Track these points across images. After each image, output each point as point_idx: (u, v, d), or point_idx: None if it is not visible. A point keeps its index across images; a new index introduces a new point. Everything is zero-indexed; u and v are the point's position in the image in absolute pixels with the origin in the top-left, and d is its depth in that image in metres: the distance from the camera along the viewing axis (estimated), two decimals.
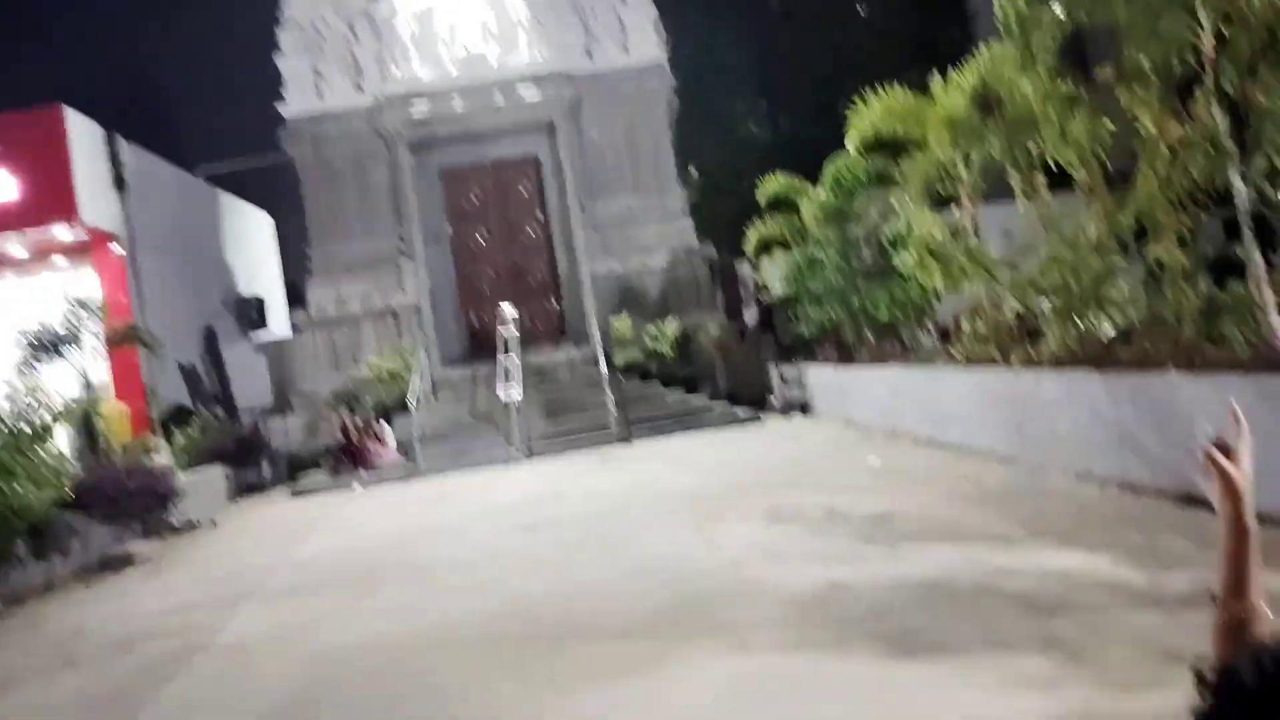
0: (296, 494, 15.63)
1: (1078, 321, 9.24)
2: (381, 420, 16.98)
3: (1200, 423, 7.10)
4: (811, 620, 5.73)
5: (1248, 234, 7.35)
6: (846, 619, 5.66)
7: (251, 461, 17.10)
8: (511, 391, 15.98)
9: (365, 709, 5.44)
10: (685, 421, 16.30)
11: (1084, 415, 8.26)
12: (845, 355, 15.12)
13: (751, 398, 17.16)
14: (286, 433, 18.05)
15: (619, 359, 17.73)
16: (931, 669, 4.73)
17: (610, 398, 16.23)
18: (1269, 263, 7.39)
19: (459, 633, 6.57)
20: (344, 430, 16.65)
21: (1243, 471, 1.49)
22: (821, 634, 5.46)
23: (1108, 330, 9.00)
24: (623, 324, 18.32)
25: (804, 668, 4.99)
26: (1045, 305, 9.72)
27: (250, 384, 20.27)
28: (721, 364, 18.04)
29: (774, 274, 16.67)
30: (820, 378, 15.89)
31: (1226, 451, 1.51)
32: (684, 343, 18.12)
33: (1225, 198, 7.62)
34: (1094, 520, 7.00)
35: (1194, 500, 6.86)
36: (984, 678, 4.52)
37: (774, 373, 17.62)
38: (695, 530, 8.65)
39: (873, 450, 11.77)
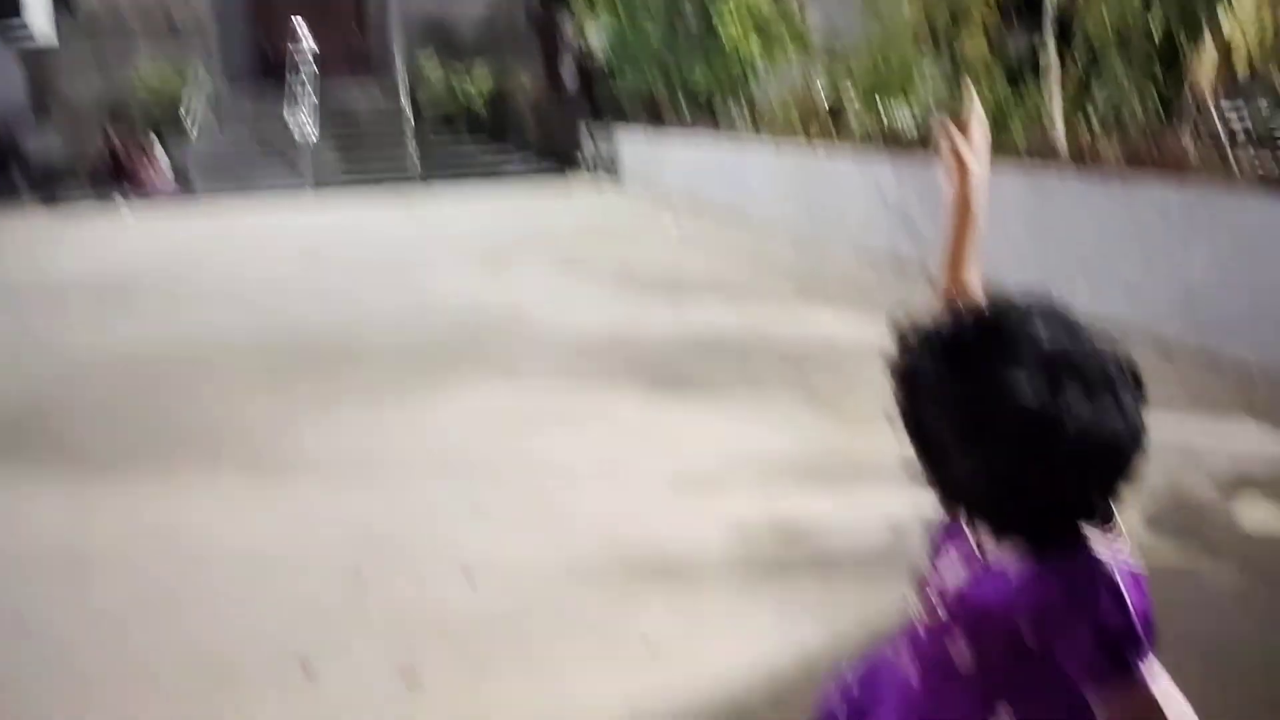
0: (53, 210, 14.25)
1: (881, 108, 9.39)
2: (155, 141, 15.52)
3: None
4: (587, 360, 5.82)
5: (1049, 33, 7.52)
6: (622, 360, 5.78)
7: (4, 170, 15.35)
8: (304, 122, 14.89)
9: (111, 412, 5.16)
10: (491, 175, 15.82)
11: (871, 195, 8.54)
12: (658, 121, 14.90)
13: (561, 158, 16.79)
14: (46, 146, 16.23)
15: (425, 103, 16.78)
16: (694, 407, 4.93)
17: (413, 142, 15.46)
18: (1064, 63, 7.62)
19: (224, 350, 6.29)
20: (111, 147, 15.13)
21: (975, 150, 1.45)
22: (595, 373, 5.56)
23: (906, 118, 9.20)
24: (431, 66, 17.21)
25: (573, 400, 5.08)
26: (854, 90, 9.80)
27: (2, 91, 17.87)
28: (533, 121, 17.45)
29: (596, 34, 15.97)
30: (632, 144, 15.68)
31: (963, 130, 1.47)
32: (496, 94, 17.30)
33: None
34: (862, 289, 7.37)
35: None
36: (741, 416, 4.75)
37: (586, 135, 17.23)
38: (485, 273, 8.54)
39: (674, 217, 11.86)
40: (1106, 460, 1.06)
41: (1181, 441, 4.08)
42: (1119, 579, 1.08)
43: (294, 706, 2.61)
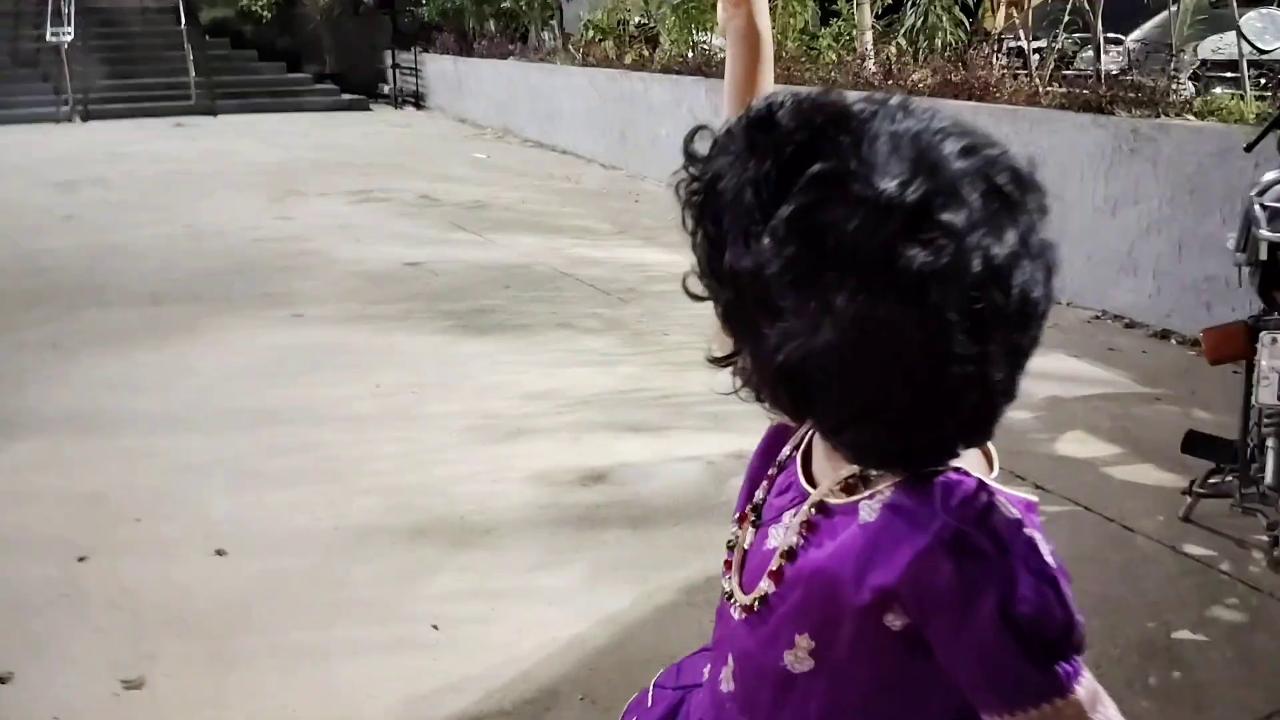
0: None
1: (694, 32, 9.08)
2: None
3: None
4: (380, 295, 5.27)
5: None
6: (418, 296, 5.27)
7: None
8: (61, 31, 13.20)
9: None
10: (283, 100, 14.58)
11: (684, 122, 8.20)
12: (466, 47, 14.10)
13: (362, 84, 15.71)
14: None
15: (204, 14, 15.28)
16: (499, 345, 4.50)
17: (191, 59, 14.02)
18: None
19: None
20: None
21: None
22: (390, 311, 5.03)
23: (719, 44, 8.92)
24: None
25: (362, 341, 4.55)
26: (667, 14, 9.45)
27: None
28: (330, 41, 16.22)
29: None
30: (437, 68, 14.81)
31: None
32: (286, 8, 15.95)
33: None
34: (677, 223, 7.06)
35: None
36: (549, 355, 4.37)
37: (389, 59, 16.17)
38: (271, 205, 7.72)
39: (482, 146, 11.23)
40: (1022, 318, 0.67)
41: None
42: (1037, 533, 0.71)
43: None
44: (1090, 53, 7.69)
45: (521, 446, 3.44)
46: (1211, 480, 2.03)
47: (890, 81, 6.63)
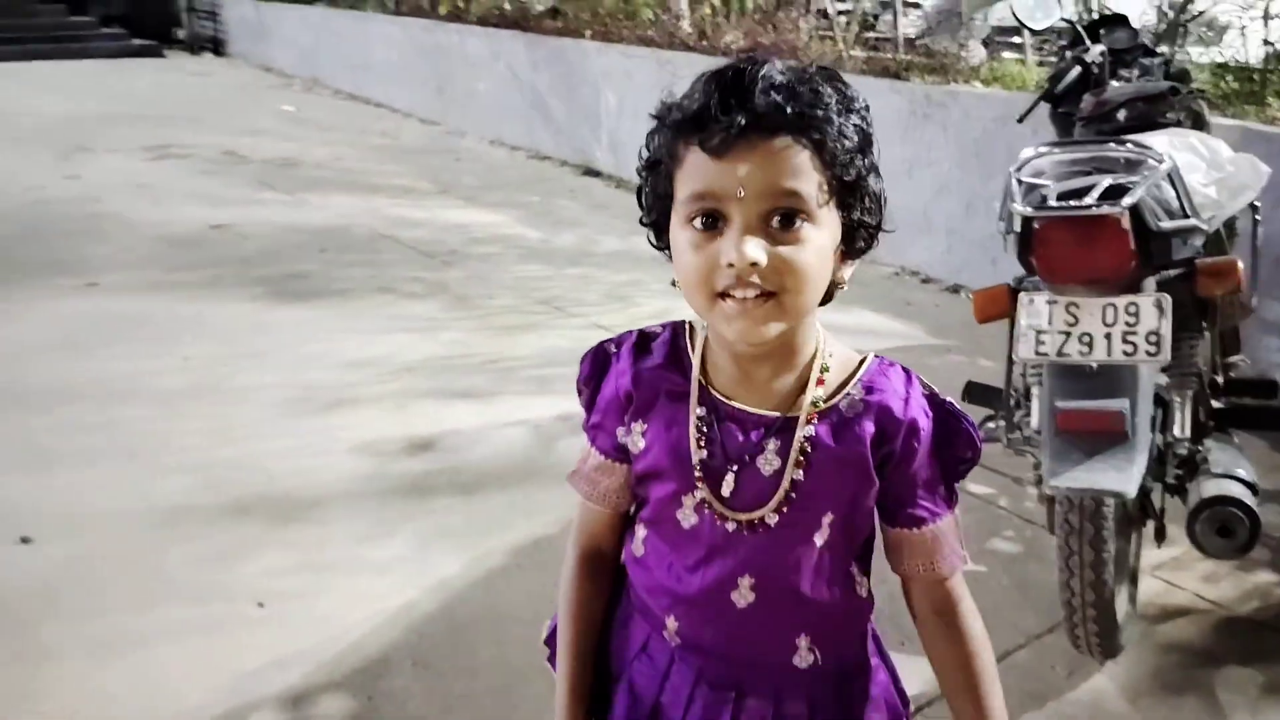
0: None
1: None
2: None
3: (605, 96, 7.25)
4: (183, 261, 5.02)
5: None
6: (225, 261, 5.05)
7: None
8: None
9: None
10: (65, 46, 13.46)
11: (504, 79, 8.15)
12: None
13: (155, 28, 14.64)
14: None
15: None
16: (316, 312, 4.39)
17: None
18: None
19: None
20: None
21: None
22: (193, 276, 4.80)
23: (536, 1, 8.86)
24: None
25: (164, 309, 4.34)
26: None
27: None
28: None
29: None
30: (238, 13, 13.99)
31: None
32: None
33: None
34: (500, 182, 7.03)
35: (592, 171, 7.20)
36: (369, 321, 4.29)
37: (184, 2, 15.13)
38: (53, 160, 7.17)
39: (289, 98, 10.72)
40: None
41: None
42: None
43: None
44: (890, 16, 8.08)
45: (343, 417, 3.39)
46: (988, 425, 2.25)
47: (704, 41, 6.77)
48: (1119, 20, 3.06)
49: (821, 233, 0.88)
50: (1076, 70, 2.71)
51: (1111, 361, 1.84)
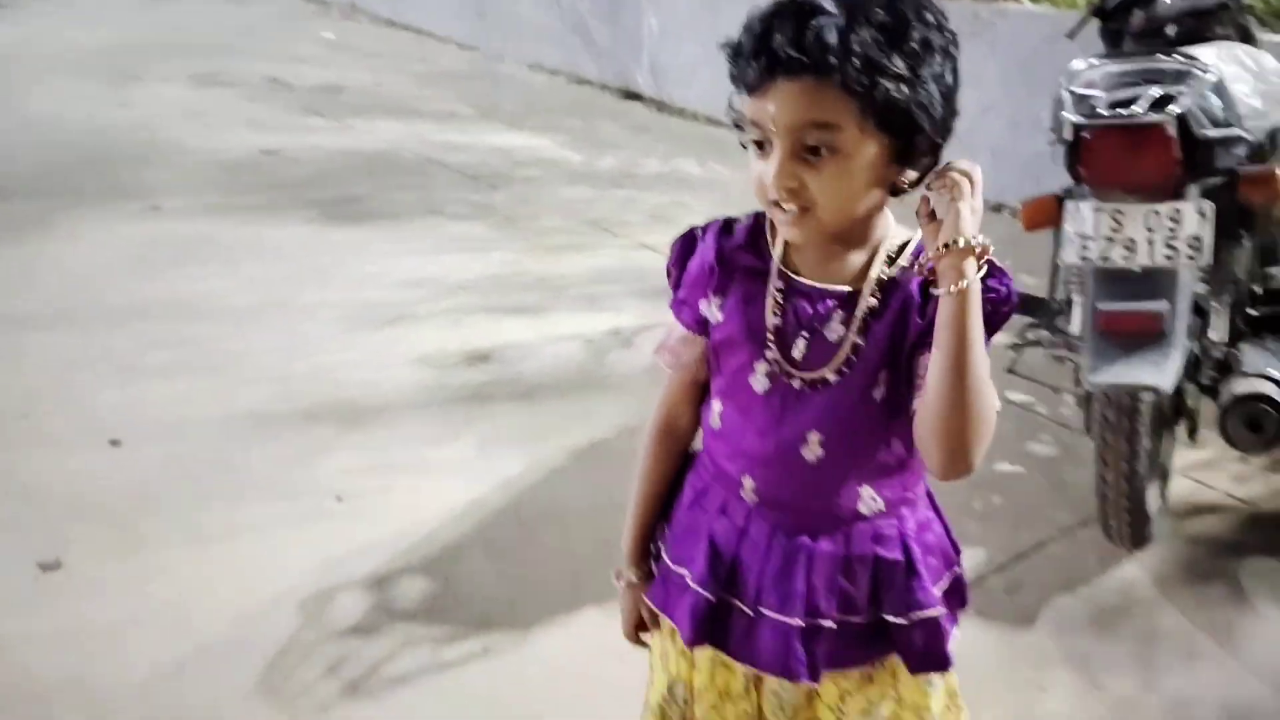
0: None
1: None
2: None
3: (648, 19, 7.17)
4: (240, 185, 5.16)
5: None
6: (279, 185, 5.18)
7: None
8: None
9: None
10: None
11: (545, 2, 8.12)
12: None
13: None
14: None
15: None
16: (370, 234, 4.52)
17: None
18: None
19: None
20: None
21: None
22: (250, 199, 4.94)
23: None
24: None
25: (227, 232, 4.48)
26: None
27: None
28: None
29: None
30: None
31: None
32: None
33: None
34: (542, 106, 7.08)
35: (632, 95, 7.22)
36: (421, 243, 4.42)
37: None
38: (108, 89, 7.29)
39: (329, 25, 10.75)
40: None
41: None
42: None
43: None
44: None
45: (403, 332, 3.54)
46: (1029, 334, 2.34)
47: None
48: None
49: (854, 158, 0.99)
50: None
51: (1153, 265, 1.93)
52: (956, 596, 1.18)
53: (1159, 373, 1.88)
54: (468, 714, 1.95)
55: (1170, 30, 2.53)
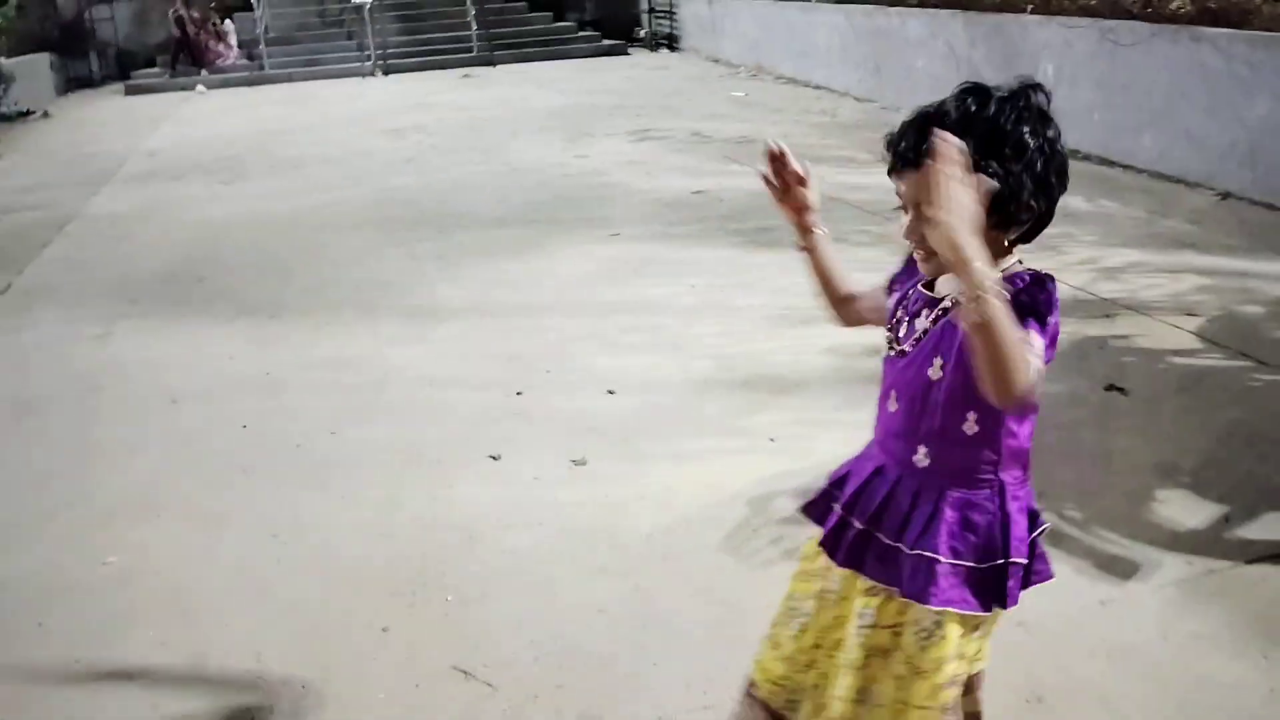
0: (131, 91, 14.74)
1: None
2: (222, 17, 15.85)
3: (1044, 65, 7.64)
4: (677, 218, 6.29)
5: None
6: (708, 218, 6.25)
7: (79, 51, 15.85)
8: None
9: (261, 270, 5.76)
10: (550, 49, 15.98)
11: (941, 55, 8.72)
12: None
13: (620, 29, 16.85)
14: (114, 24, 16.64)
15: None
16: (782, 256, 5.37)
17: (472, 14, 15.63)
18: None
19: (341, 215, 6.84)
20: (180, 24, 15.48)
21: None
22: (686, 229, 6.03)
23: None
24: None
25: (672, 252, 5.58)
26: None
27: None
28: None
29: None
30: (691, 11, 15.69)
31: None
32: None
33: None
34: None
35: None
36: None
37: (645, 4, 17.21)
38: (565, 144, 8.93)
39: (738, 84, 12.06)
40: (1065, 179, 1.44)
41: (1237, 274, 4.49)
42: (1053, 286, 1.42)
43: (490, 482, 3.23)
44: None
45: (815, 330, 4.30)
46: None
47: (1149, 9, 6.90)
48: None
49: None
50: None
51: None
52: (992, 586, 1.46)
53: None
54: None
55: None
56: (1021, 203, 1.38)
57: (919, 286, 1.56)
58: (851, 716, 1.56)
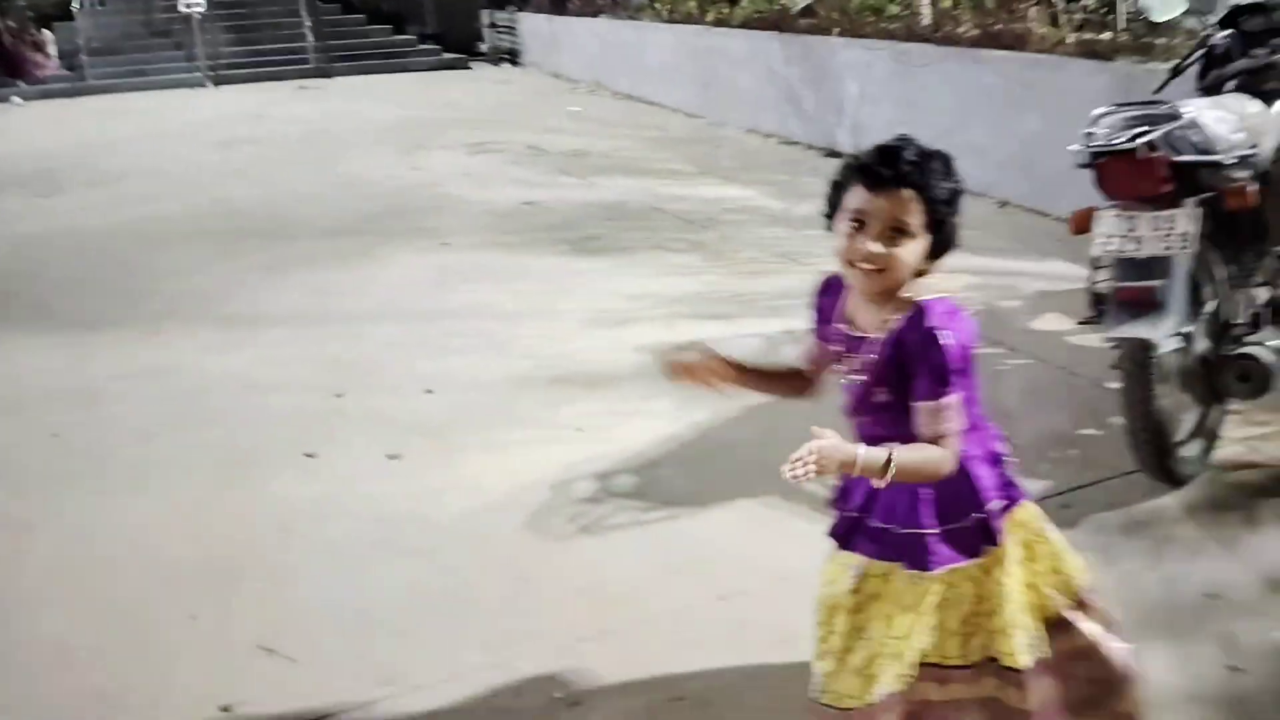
0: None
1: None
2: (40, 26, 15.16)
3: (849, 85, 8.16)
4: (507, 228, 6.50)
5: None
6: (538, 228, 6.48)
7: None
8: (193, 1, 14.61)
9: (80, 282, 5.66)
10: (390, 61, 15.94)
11: (761, 74, 9.24)
12: (559, 6, 15.18)
13: (461, 43, 16.93)
14: None
15: None
16: (605, 263, 5.68)
17: (308, 25, 15.44)
18: None
19: (165, 227, 6.76)
20: None
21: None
22: (516, 238, 6.25)
23: (796, 1, 9.86)
24: None
25: (499, 261, 5.78)
26: None
27: None
28: (431, 2, 17.46)
29: None
30: (532, 26, 15.94)
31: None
32: None
33: None
34: (754, 164, 8.14)
35: (835, 152, 8.15)
36: (645, 269, 5.52)
37: (486, 19, 17.35)
38: (400, 156, 9.02)
39: (576, 100, 12.36)
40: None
41: (1005, 273, 5.02)
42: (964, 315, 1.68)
43: (306, 479, 3.36)
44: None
45: (628, 330, 4.61)
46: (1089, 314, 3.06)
47: (938, 33, 7.53)
48: (1259, 8, 3.69)
49: (915, 244, 1.61)
50: (1199, 53, 3.45)
51: (1154, 254, 2.67)
52: (980, 534, 1.72)
53: (1153, 329, 2.61)
54: (660, 549, 2.92)
55: (1230, 85, 3.25)
56: (955, 241, 1.67)
57: (839, 325, 1.77)
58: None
